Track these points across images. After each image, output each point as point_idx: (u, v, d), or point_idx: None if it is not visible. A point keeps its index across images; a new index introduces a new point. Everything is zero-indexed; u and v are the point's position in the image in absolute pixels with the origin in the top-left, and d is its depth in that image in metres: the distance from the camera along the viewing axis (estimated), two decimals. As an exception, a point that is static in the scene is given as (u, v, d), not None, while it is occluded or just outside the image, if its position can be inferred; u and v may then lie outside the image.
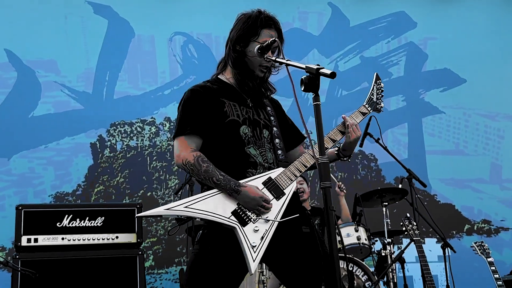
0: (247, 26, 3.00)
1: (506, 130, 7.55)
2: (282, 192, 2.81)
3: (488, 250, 4.82)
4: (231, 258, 2.72)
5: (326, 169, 2.12)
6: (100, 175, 6.47)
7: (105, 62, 6.74)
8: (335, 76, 2.16)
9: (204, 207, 2.72)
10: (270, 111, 3.06)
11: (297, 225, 2.85)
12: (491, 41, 7.72)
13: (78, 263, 4.32)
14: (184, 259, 6.40)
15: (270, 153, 2.93)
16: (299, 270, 2.81)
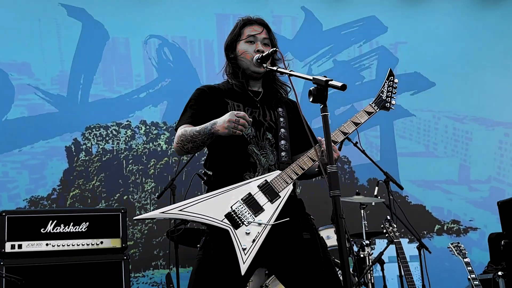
0: (232, 32, 3.20)
1: (473, 132, 7.76)
2: (277, 195, 2.87)
3: (464, 251, 4.97)
4: (233, 263, 2.76)
5: (335, 178, 2.19)
6: (76, 178, 6.43)
7: (80, 65, 6.69)
8: (346, 88, 2.23)
9: (198, 210, 2.79)
10: (282, 112, 3.12)
11: (298, 231, 2.93)
12: (459, 46, 7.92)
13: (63, 269, 4.31)
14: (161, 262, 6.41)
15: (272, 155, 3.00)
16: (301, 277, 2.87)
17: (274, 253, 2.86)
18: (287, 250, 2.89)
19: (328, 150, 2.29)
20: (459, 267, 6.67)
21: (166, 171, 6.65)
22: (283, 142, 3.04)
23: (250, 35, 3.07)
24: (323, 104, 2.32)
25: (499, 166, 7.76)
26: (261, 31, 3.09)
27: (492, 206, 7.36)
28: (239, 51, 3.08)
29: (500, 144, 7.83)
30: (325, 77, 2.35)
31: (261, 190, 2.86)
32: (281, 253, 2.88)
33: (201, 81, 7.00)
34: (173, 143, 3.00)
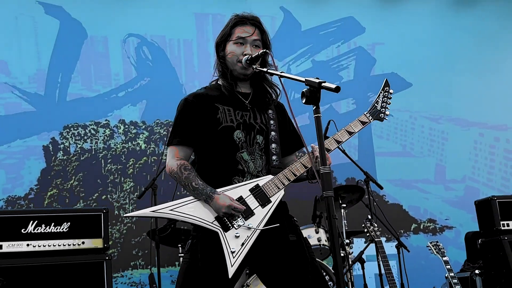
0: (223, 31, 3.12)
1: (449, 133, 7.86)
2: (268, 200, 2.87)
3: (443, 250, 5.03)
4: (220, 265, 2.76)
5: (328, 179, 2.21)
6: (53, 178, 6.37)
7: (58, 63, 6.63)
8: (339, 90, 2.25)
9: (189, 211, 2.81)
10: (272, 114, 3.11)
11: (284, 233, 2.93)
12: (435, 47, 8.01)
13: (44, 270, 4.25)
14: (140, 262, 6.38)
15: (261, 160, 2.99)
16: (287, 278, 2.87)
17: (260, 255, 2.86)
18: (274, 252, 2.89)
19: (321, 151, 2.31)
20: (435, 265, 6.78)
21: (145, 170, 6.62)
22: (274, 146, 3.04)
23: (240, 36, 3.01)
24: (316, 106, 2.33)
25: (474, 166, 7.87)
26: (252, 33, 3.02)
27: (467, 205, 7.50)
28: (227, 52, 3.03)
29: (475, 144, 7.95)
30: (317, 78, 2.37)
31: (252, 194, 2.87)
32: (267, 255, 2.88)
33: (180, 80, 6.99)
34: (168, 165, 2.95)
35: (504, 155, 8.01)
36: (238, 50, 3.00)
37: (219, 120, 2.96)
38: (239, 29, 3.05)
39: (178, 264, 6.37)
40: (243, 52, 2.99)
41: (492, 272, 5.29)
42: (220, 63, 3.08)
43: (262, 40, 3.09)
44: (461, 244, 6.98)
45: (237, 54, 3.00)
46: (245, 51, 2.99)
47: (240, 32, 3.03)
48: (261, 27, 3.11)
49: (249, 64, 2.92)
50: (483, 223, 5.49)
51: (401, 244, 5.57)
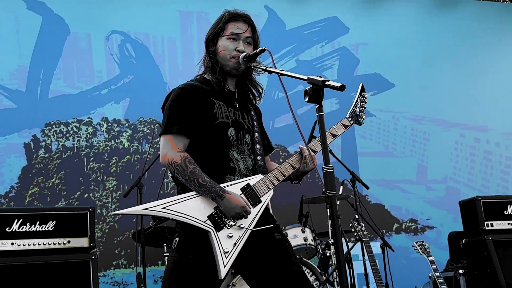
0: (215, 25, 3.07)
1: (431, 133, 7.92)
2: (259, 199, 2.86)
3: (428, 250, 5.06)
4: (210, 265, 2.72)
5: (331, 178, 2.20)
6: (35, 176, 6.28)
7: (40, 60, 6.54)
8: (344, 89, 2.24)
9: (181, 209, 2.73)
10: (254, 115, 3.10)
11: (270, 232, 2.92)
12: (418, 48, 8.07)
13: (29, 269, 4.16)
14: (123, 262, 6.31)
15: (250, 159, 2.98)
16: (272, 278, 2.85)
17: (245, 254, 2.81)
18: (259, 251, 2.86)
19: (324, 150, 2.30)
20: (417, 265, 6.85)
21: (128, 169, 6.56)
22: (258, 146, 3.03)
23: (234, 32, 2.98)
24: (319, 104, 2.32)
25: (455, 166, 7.94)
26: (245, 30, 3.00)
27: (448, 206, 7.58)
28: (219, 47, 2.99)
29: (456, 145, 8.02)
30: (320, 77, 2.36)
31: (244, 193, 2.83)
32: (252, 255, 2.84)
33: (164, 78, 6.93)
34: (167, 155, 2.82)
35: (484, 156, 8.10)
36: (231, 45, 2.98)
37: (216, 115, 2.91)
38: (233, 25, 3.02)
39: (161, 264, 6.34)
40: (235, 47, 2.97)
41: (476, 272, 5.33)
42: (210, 58, 3.04)
43: (254, 38, 3.08)
44: (442, 244, 7.05)
45: (230, 50, 2.97)
46: (238, 46, 2.97)
47: (234, 28, 3.00)
48: (253, 25, 3.10)
49: (247, 62, 2.89)
50: (467, 223, 5.53)
51: (386, 243, 5.59)
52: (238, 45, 2.97)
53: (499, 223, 5.36)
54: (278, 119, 6.94)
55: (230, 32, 2.99)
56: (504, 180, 8.12)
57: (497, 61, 8.40)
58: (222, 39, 3.00)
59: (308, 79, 2.36)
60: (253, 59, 2.89)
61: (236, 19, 3.02)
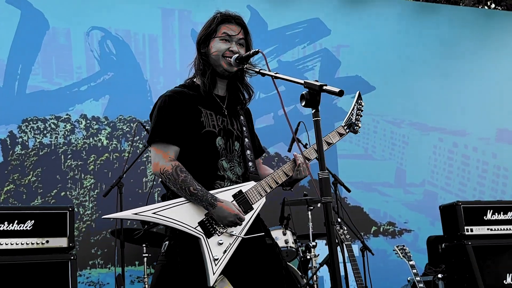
0: (207, 27, 3.03)
1: (410, 137, 7.95)
2: (251, 207, 2.83)
3: (409, 254, 5.07)
4: (199, 270, 2.70)
5: (326, 184, 2.17)
6: (11, 173, 6.15)
7: (18, 54, 6.41)
8: (343, 94, 2.21)
9: (172, 215, 2.71)
10: (243, 120, 3.06)
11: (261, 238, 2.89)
12: (398, 51, 8.11)
13: (6, 269, 4.08)
14: (99, 261, 6.22)
15: (240, 167, 2.95)
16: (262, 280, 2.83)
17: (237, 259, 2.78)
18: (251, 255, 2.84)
19: (320, 154, 2.27)
20: (394, 268, 6.89)
21: (107, 167, 6.46)
22: (249, 152, 3.00)
23: (227, 33, 2.95)
24: (315, 109, 2.29)
25: (433, 170, 7.98)
26: (238, 32, 2.97)
27: (425, 209, 7.63)
28: (212, 48, 2.96)
29: (434, 149, 8.07)
30: (316, 81, 2.32)
31: (236, 200, 2.81)
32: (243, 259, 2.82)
33: (144, 76, 6.85)
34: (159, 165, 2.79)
35: (462, 161, 8.15)
36: (224, 46, 2.95)
37: (203, 124, 2.89)
38: (225, 26, 3.00)
39: (138, 264, 6.26)
40: (228, 48, 2.94)
41: (455, 276, 5.36)
42: (202, 60, 3.00)
43: (246, 40, 3.05)
44: (419, 247, 7.09)
45: (222, 50, 2.93)
46: (231, 47, 2.94)
47: (227, 29, 2.97)
48: (246, 28, 3.07)
49: (239, 63, 2.85)
50: (447, 227, 5.55)
51: (365, 247, 5.59)
52: (231, 45, 2.94)
53: (478, 228, 5.39)
54: (259, 120, 6.89)
55: (223, 32, 2.96)
56: (481, 184, 8.19)
57: (476, 66, 8.47)
58: (214, 40, 2.97)
59: (304, 83, 2.33)
60: (245, 60, 2.85)
61: (229, 21, 3.00)
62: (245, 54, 2.86)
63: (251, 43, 3.06)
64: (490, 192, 8.18)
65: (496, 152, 8.32)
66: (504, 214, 5.51)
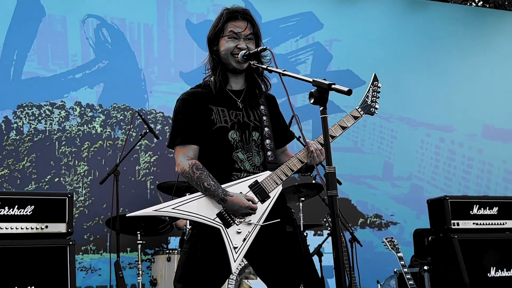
0: (215, 26, 3.11)
1: (398, 131, 8.09)
2: (267, 195, 2.93)
3: (397, 246, 5.20)
4: (219, 256, 2.84)
5: (333, 178, 2.27)
6: (5, 158, 6.20)
7: (14, 40, 6.45)
8: (351, 93, 2.31)
9: (190, 209, 2.85)
10: (264, 110, 3.14)
11: (281, 225, 2.99)
12: (388, 46, 8.22)
13: (6, 253, 4.16)
14: (91, 247, 6.30)
15: (258, 156, 3.04)
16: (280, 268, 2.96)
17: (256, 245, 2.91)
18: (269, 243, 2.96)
19: (327, 151, 2.37)
20: (380, 260, 7.05)
21: (100, 154, 6.53)
22: (268, 142, 3.08)
23: (233, 32, 3.03)
24: (323, 107, 2.39)
25: (420, 164, 8.14)
26: (244, 28, 3.05)
27: (411, 202, 7.79)
28: (221, 47, 3.05)
29: (422, 144, 8.22)
30: (324, 80, 2.42)
31: (252, 190, 2.92)
32: (263, 246, 2.94)
33: (139, 65, 6.91)
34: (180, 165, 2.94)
35: (448, 156, 8.31)
36: (232, 44, 3.04)
37: (214, 121, 3.00)
38: (232, 24, 3.07)
39: (129, 251, 6.34)
40: (236, 45, 3.03)
41: (441, 269, 5.50)
42: (212, 58, 3.10)
43: (254, 33, 3.13)
44: (405, 239, 7.25)
45: (230, 49, 3.03)
46: (239, 44, 3.03)
47: (233, 27, 3.05)
48: (252, 21, 3.14)
49: (246, 60, 2.95)
50: (434, 221, 5.69)
51: (354, 238, 5.72)
52: (239, 43, 3.03)
53: (465, 222, 5.54)
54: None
55: (230, 31, 3.05)
56: (466, 179, 8.36)
57: (464, 64, 8.62)
58: (223, 39, 3.06)
59: (313, 81, 2.42)
60: (253, 57, 2.94)
61: (234, 18, 3.07)
62: (252, 51, 2.95)
63: (260, 35, 3.15)
64: (475, 187, 8.35)
65: (482, 148, 8.49)
66: (490, 209, 5.66)
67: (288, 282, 2.94)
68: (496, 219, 5.66)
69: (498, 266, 5.43)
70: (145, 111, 6.76)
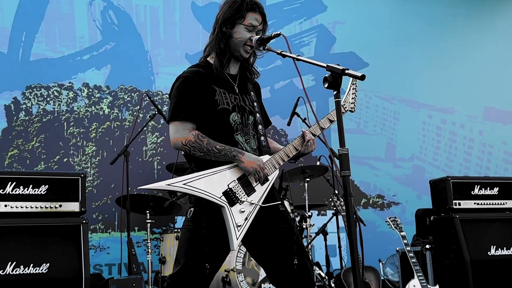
0: (234, 9, 3.16)
1: (400, 113, 8.20)
2: (266, 178, 3.08)
3: (400, 225, 5.32)
4: (221, 234, 2.95)
5: (345, 159, 2.39)
6: (15, 138, 6.30)
7: (22, 22, 6.52)
8: (364, 78, 2.42)
9: (200, 186, 2.95)
10: (253, 96, 3.28)
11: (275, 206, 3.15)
12: (391, 29, 8.31)
13: (21, 231, 4.29)
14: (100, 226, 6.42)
15: (254, 139, 3.18)
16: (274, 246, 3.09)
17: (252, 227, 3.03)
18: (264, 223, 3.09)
19: (340, 133, 2.48)
20: (382, 239, 7.18)
21: (108, 135, 6.64)
22: (260, 127, 3.24)
23: (252, 24, 3.13)
24: (337, 91, 2.49)
25: (422, 146, 8.26)
26: (260, 22, 3.17)
27: (413, 183, 7.92)
28: (236, 33, 3.13)
29: (423, 125, 8.33)
30: (338, 65, 2.53)
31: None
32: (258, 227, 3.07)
33: (145, 46, 6.99)
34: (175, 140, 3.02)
35: (449, 137, 8.44)
36: (248, 35, 3.13)
37: (217, 102, 3.10)
38: (252, 15, 3.16)
39: (137, 229, 6.47)
40: (250, 37, 3.14)
41: (442, 247, 5.65)
42: (222, 40, 3.16)
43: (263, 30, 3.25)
44: (407, 219, 7.36)
45: (245, 39, 3.13)
46: (252, 36, 3.14)
47: (253, 19, 3.14)
48: (265, 16, 3.26)
49: (260, 44, 3.05)
50: (436, 201, 5.83)
51: (358, 218, 5.82)
52: (252, 35, 3.14)
53: (466, 202, 5.69)
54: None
55: (249, 23, 3.13)
56: (466, 160, 8.48)
57: (466, 47, 8.70)
58: (240, 26, 3.13)
59: (327, 66, 2.52)
60: (267, 42, 3.04)
61: (254, 10, 3.16)
62: (266, 36, 3.05)
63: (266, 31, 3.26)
64: (475, 168, 8.49)
65: (483, 129, 8.61)
66: (491, 190, 5.80)
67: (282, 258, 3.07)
68: (496, 199, 5.80)
69: (498, 245, 5.57)
70: (152, 92, 6.86)
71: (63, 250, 4.36)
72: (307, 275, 3.10)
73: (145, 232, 5.59)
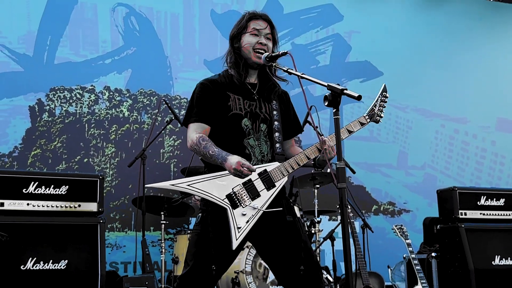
0: (238, 24, 3.46)
1: (413, 122, 8.33)
2: (274, 184, 3.24)
3: (406, 233, 5.47)
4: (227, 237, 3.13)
5: (342, 173, 2.57)
6: (38, 138, 6.56)
7: (47, 26, 6.77)
8: (361, 98, 2.60)
9: (203, 188, 3.15)
10: (275, 104, 3.45)
11: (282, 214, 3.31)
12: (406, 40, 8.44)
13: (42, 228, 4.54)
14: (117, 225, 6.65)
15: (266, 145, 3.35)
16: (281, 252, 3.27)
17: (260, 232, 3.23)
18: (272, 230, 3.28)
19: (338, 147, 2.66)
20: (391, 246, 7.30)
21: (127, 137, 6.87)
22: (277, 135, 3.40)
23: (255, 28, 3.36)
24: (336, 109, 2.67)
25: (434, 154, 8.38)
26: (265, 27, 3.38)
27: (424, 191, 8.04)
28: (243, 42, 3.37)
29: (436, 134, 8.46)
30: (338, 85, 2.71)
31: (260, 178, 3.22)
32: (266, 233, 3.26)
33: (165, 52, 7.21)
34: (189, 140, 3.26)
35: (461, 147, 8.55)
36: (254, 39, 3.36)
37: (230, 107, 3.32)
38: (254, 22, 3.41)
39: (153, 229, 6.69)
40: (258, 41, 3.35)
41: (448, 256, 5.80)
42: (234, 53, 3.41)
43: (272, 34, 3.45)
44: (416, 227, 7.49)
45: (253, 43, 3.34)
46: (260, 40, 3.35)
47: (255, 25, 3.39)
48: (272, 23, 3.48)
49: (268, 61, 3.24)
50: (443, 210, 5.98)
51: (366, 224, 6.00)
52: (259, 39, 3.35)
53: (472, 212, 5.83)
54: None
55: (252, 28, 3.37)
56: (478, 170, 8.60)
57: (480, 57, 8.81)
58: (245, 35, 3.38)
59: (328, 86, 2.71)
60: (275, 59, 3.24)
61: (256, 18, 3.42)
62: (274, 54, 3.24)
63: (277, 36, 3.47)
64: (487, 178, 8.60)
65: (495, 140, 8.72)
66: (497, 201, 5.94)
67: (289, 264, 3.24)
68: (502, 210, 5.93)
69: (503, 255, 5.71)
70: (170, 96, 7.09)
71: (80, 248, 4.60)
72: (314, 281, 3.27)
73: (160, 232, 5.80)
